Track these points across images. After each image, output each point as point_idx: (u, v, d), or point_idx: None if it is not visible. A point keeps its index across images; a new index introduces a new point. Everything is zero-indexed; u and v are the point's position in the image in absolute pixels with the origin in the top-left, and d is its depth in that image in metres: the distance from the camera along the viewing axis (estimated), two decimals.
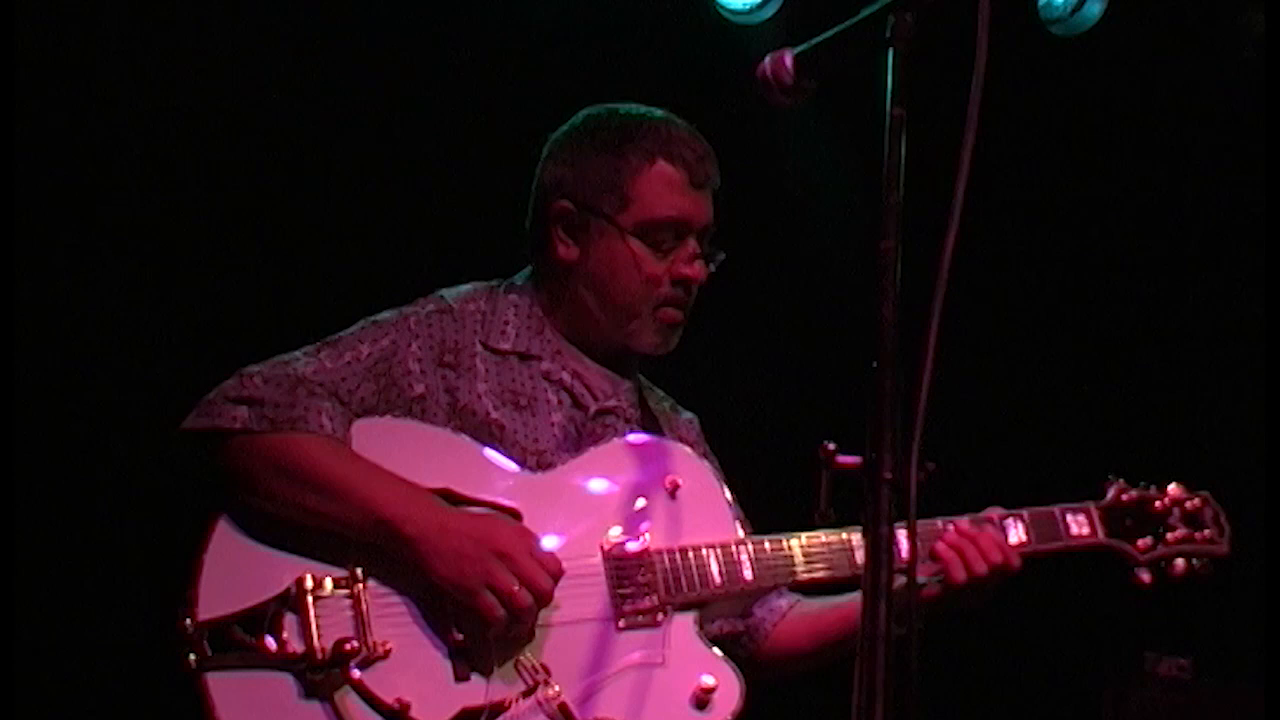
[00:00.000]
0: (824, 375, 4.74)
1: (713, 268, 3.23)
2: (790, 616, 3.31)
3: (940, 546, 3.10)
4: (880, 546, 2.23)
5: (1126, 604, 5.12)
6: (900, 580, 2.87)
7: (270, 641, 2.90)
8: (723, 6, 5.10)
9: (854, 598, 3.11)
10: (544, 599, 2.90)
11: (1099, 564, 4.86)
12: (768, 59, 2.59)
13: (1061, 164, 5.50)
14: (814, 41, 2.56)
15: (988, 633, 5.09)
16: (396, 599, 2.96)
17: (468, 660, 2.92)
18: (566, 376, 3.21)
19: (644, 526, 3.06)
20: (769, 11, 5.08)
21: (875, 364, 2.27)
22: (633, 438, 3.19)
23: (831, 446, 2.36)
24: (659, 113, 3.26)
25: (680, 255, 3.19)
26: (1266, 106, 3.78)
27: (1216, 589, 5.01)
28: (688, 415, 3.42)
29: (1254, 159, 5.03)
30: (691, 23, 5.09)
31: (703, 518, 3.10)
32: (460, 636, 2.92)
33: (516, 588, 2.87)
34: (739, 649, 3.26)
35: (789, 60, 2.58)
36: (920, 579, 3.09)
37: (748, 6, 5.11)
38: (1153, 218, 5.45)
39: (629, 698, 2.93)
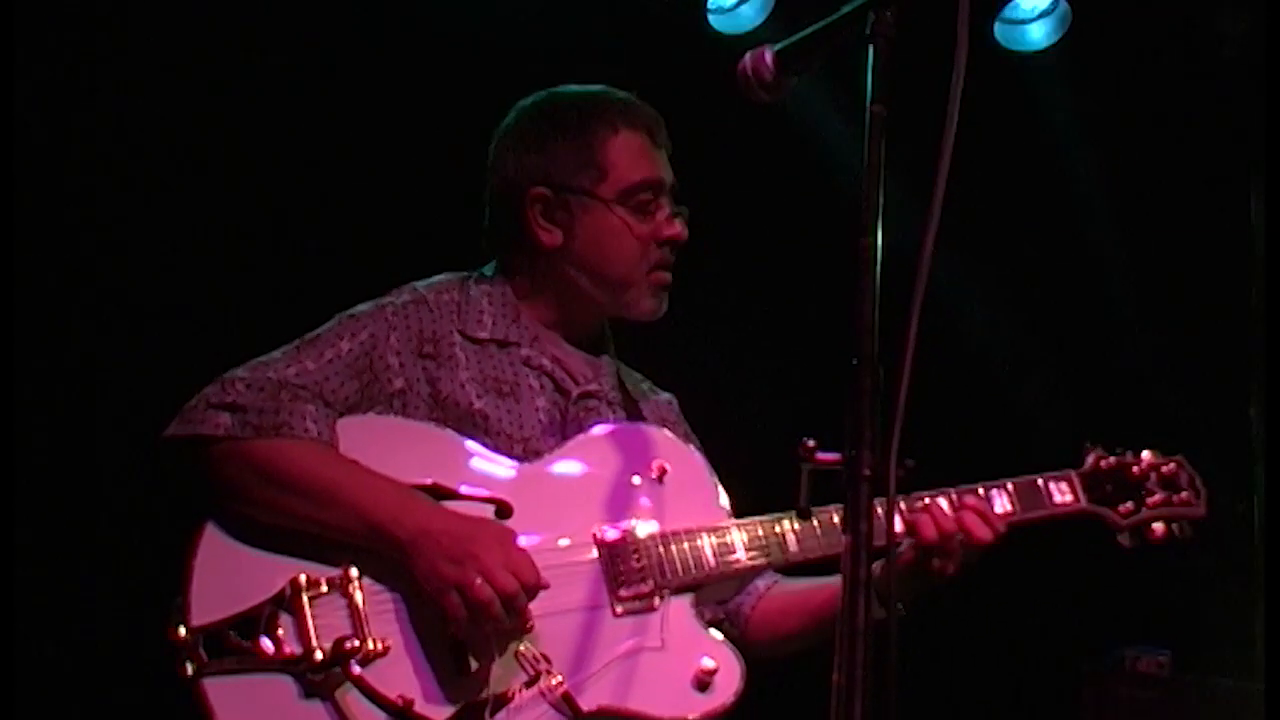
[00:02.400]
0: (804, 372, 4.75)
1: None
2: (770, 597, 3.34)
3: (914, 516, 3.12)
4: (860, 543, 2.24)
5: (1106, 600, 5.16)
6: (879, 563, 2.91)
7: (267, 644, 2.91)
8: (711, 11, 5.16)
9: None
10: (508, 600, 2.90)
11: (1079, 560, 4.88)
12: (748, 56, 2.63)
13: (1040, 154, 5.52)
14: (794, 39, 2.58)
15: (968, 628, 5.12)
16: (393, 596, 2.97)
17: (468, 654, 2.94)
18: (547, 362, 3.24)
19: (634, 512, 3.09)
20: (751, 19, 5.13)
21: (855, 361, 2.27)
22: (617, 425, 3.22)
23: (811, 443, 2.38)
24: (600, 87, 3.34)
25: (660, 217, 3.26)
26: (1267, 101, 3.81)
27: (1195, 584, 5.05)
28: (666, 396, 3.48)
29: (1232, 146, 5.06)
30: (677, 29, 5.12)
31: (692, 501, 3.13)
32: (459, 631, 2.93)
33: (479, 583, 2.87)
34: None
35: (769, 57, 2.60)
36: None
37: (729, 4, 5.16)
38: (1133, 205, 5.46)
39: (630, 683, 2.96)
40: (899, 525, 3.13)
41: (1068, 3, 5.26)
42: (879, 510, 2.66)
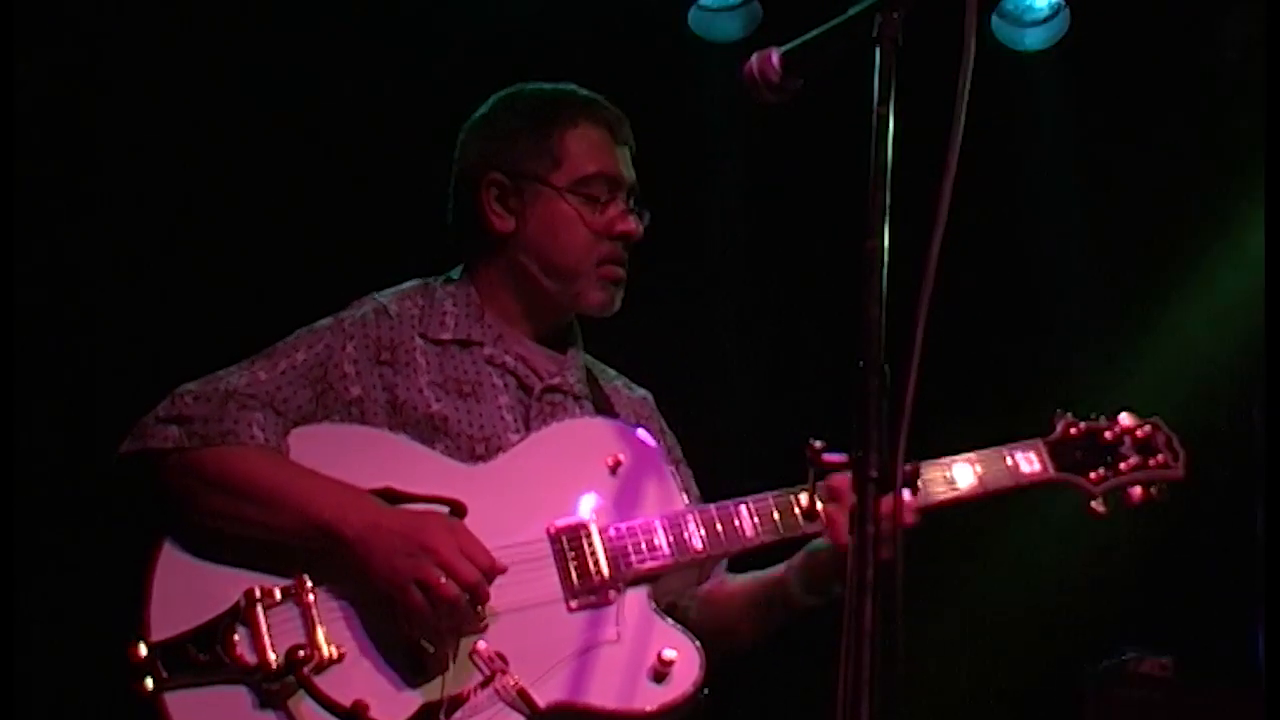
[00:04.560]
0: (812, 374, 4.76)
1: (642, 230, 3.35)
2: (711, 595, 3.33)
3: (827, 508, 3.06)
4: (865, 545, 2.25)
5: (1109, 601, 5.16)
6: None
7: (224, 656, 2.97)
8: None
9: (768, 571, 3.20)
10: (472, 590, 2.95)
11: (1082, 561, 4.89)
12: (755, 57, 2.66)
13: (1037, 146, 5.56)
14: (801, 40, 2.59)
15: (971, 629, 5.13)
16: (346, 602, 3.03)
17: (423, 656, 2.98)
18: (510, 359, 3.30)
19: (587, 505, 3.12)
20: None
21: (861, 363, 2.28)
22: (572, 419, 3.26)
23: (818, 444, 2.37)
24: (569, 85, 3.40)
25: (613, 212, 3.30)
26: (1267, 100, 3.82)
27: (1197, 588, 5.04)
28: (641, 392, 3.52)
29: (1234, 144, 5.09)
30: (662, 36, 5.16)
31: (646, 492, 3.15)
32: (412, 632, 2.97)
33: (442, 580, 2.93)
34: None
35: (776, 59, 2.61)
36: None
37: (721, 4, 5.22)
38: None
39: (587, 677, 2.99)
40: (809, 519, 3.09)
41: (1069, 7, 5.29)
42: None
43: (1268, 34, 4.06)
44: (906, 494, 3.04)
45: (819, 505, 3.02)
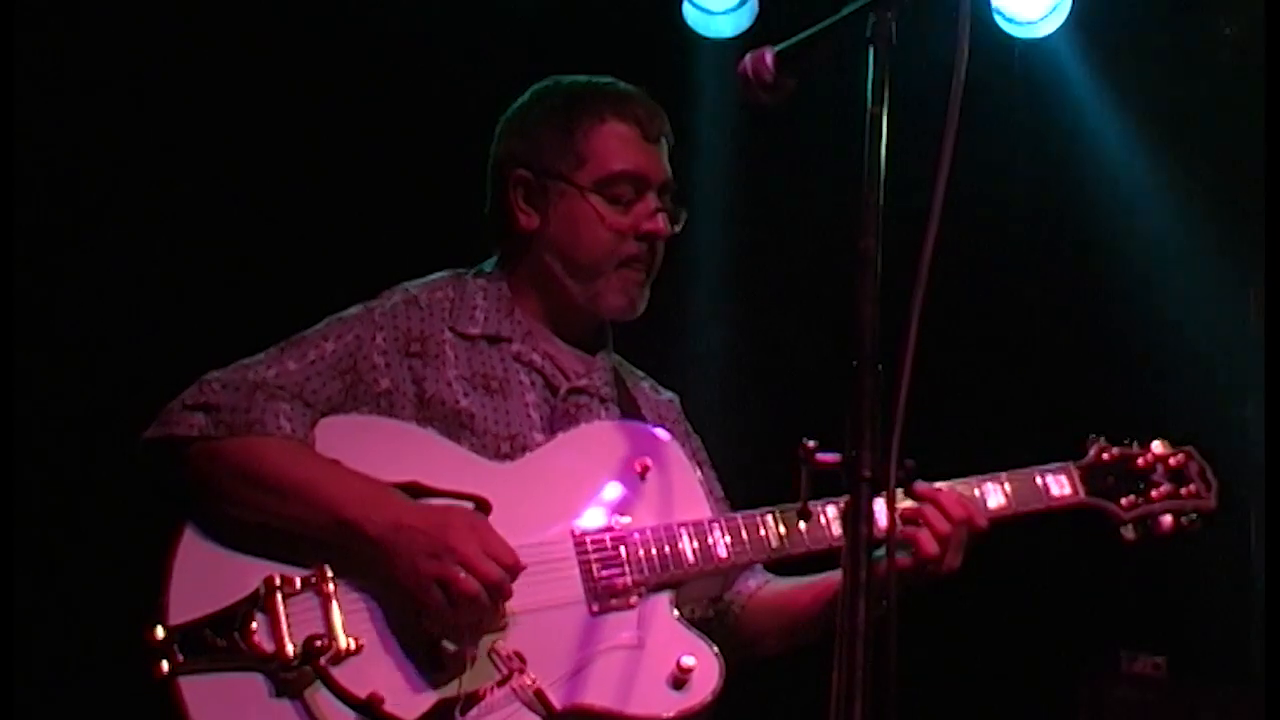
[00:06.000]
0: (805, 373, 4.77)
1: (676, 228, 3.31)
2: (760, 596, 3.35)
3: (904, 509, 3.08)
4: (859, 545, 2.25)
5: (1103, 602, 5.18)
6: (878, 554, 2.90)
7: (241, 642, 2.96)
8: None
9: (827, 576, 3.19)
10: (495, 588, 2.94)
11: (1077, 561, 4.91)
12: (748, 57, 2.66)
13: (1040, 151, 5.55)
14: (795, 40, 2.60)
15: (966, 629, 5.14)
16: (367, 594, 3.02)
17: (442, 652, 2.98)
18: (538, 358, 3.29)
19: (614, 509, 3.11)
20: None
21: (855, 362, 2.28)
22: (602, 422, 3.25)
23: (811, 444, 2.39)
24: (606, 78, 3.37)
25: (641, 211, 3.27)
26: (1267, 103, 3.83)
27: (1191, 587, 5.06)
28: (668, 395, 3.51)
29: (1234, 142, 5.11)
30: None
31: (674, 497, 3.15)
32: (432, 629, 2.97)
33: (463, 576, 2.92)
34: (711, 633, 3.28)
35: (769, 58, 2.62)
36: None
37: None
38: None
39: (606, 682, 2.98)
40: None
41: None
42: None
43: (1267, 34, 4.07)
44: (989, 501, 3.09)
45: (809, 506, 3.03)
